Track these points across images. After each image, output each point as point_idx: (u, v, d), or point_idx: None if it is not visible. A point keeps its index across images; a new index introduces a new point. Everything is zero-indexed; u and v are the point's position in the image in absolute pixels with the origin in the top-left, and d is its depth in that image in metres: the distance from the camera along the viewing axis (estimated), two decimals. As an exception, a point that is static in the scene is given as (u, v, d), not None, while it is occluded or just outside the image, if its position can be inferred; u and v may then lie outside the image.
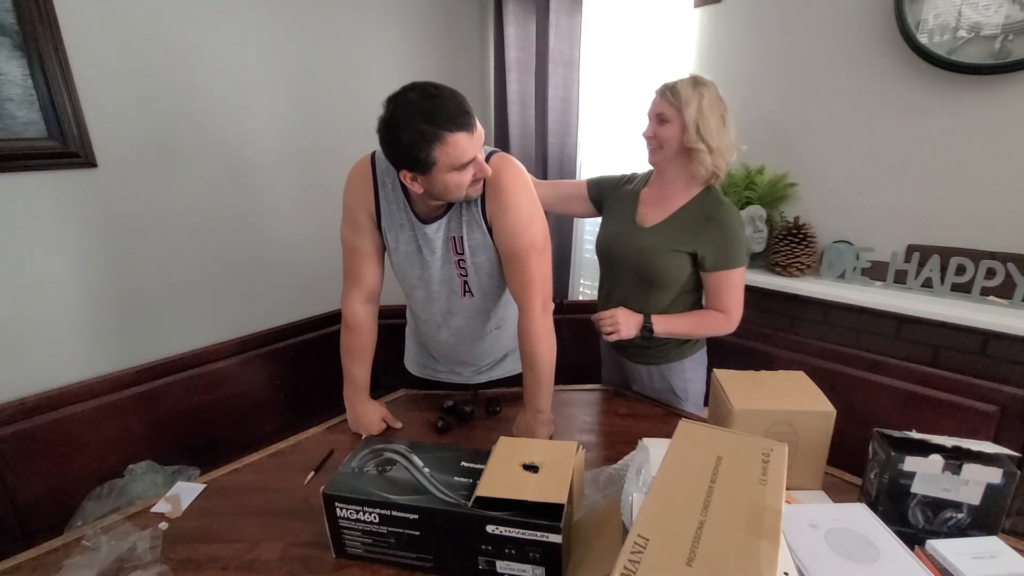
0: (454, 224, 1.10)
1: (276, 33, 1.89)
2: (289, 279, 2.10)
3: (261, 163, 1.94)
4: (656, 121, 1.21)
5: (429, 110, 0.90)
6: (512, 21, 2.26)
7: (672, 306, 1.29)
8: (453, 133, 0.91)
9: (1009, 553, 0.67)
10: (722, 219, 1.20)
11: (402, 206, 1.10)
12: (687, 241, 1.22)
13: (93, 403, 1.61)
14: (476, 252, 1.12)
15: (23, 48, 1.39)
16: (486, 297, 1.20)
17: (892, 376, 1.57)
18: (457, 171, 0.95)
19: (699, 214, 1.22)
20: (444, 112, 0.90)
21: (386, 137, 0.94)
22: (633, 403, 1.33)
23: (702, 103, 1.16)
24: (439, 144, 0.91)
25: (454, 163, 0.93)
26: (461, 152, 0.93)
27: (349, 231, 1.15)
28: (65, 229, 1.55)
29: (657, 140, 1.21)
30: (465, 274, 1.14)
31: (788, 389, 0.98)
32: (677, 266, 1.24)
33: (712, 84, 1.19)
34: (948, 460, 0.73)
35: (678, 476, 0.62)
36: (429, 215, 1.10)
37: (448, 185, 0.97)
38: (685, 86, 1.17)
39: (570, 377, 1.42)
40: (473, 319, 1.24)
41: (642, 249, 1.26)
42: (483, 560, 0.76)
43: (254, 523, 0.92)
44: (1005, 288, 1.43)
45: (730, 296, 1.25)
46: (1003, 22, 1.35)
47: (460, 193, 1.00)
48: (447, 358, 1.36)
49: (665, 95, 1.19)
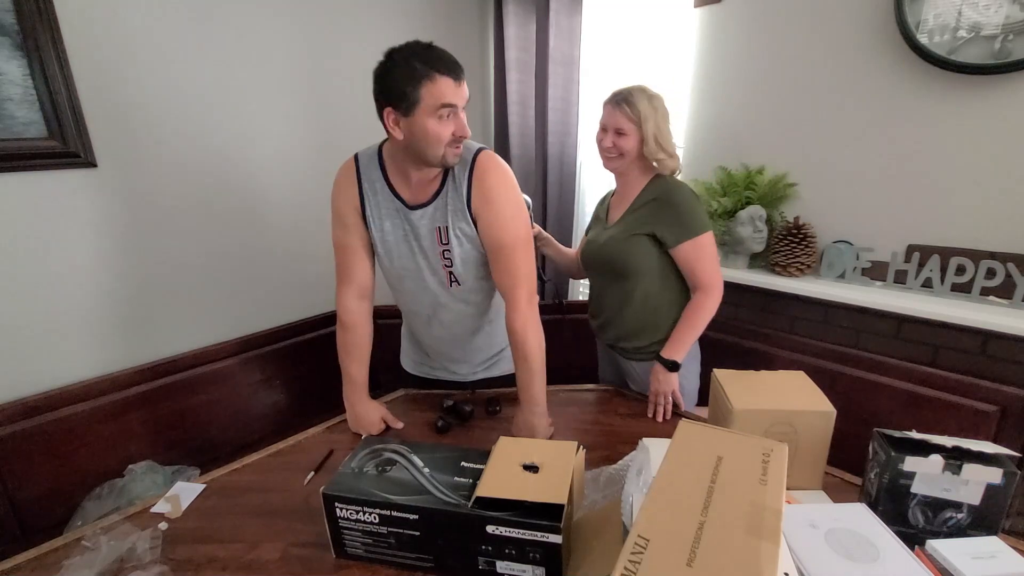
0: (440, 214, 1.12)
1: (276, 33, 1.89)
2: (289, 279, 2.10)
3: (261, 163, 1.94)
4: (614, 133, 1.27)
5: (425, 53, 0.98)
6: (512, 21, 2.26)
7: (651, 297, 1.33)
8: (442, 75, 0.97)
9: (1009, 553, 0.67)
10: (669, 197, 1.27)
11: (388, 195, 1.14)
12: (642, 224, 1.29)
13: (93, 403, 1.61)
14: (461, 242, 1.14)
15: (23, 48, 1.39)
16: (472, 289, 1.22)
17: (892, 376, 1.57)
18: (438, 119, 0.99)
19: (651, 198, 1.29)
20: (439, 58, 0.98)
21: (380, 73, 1.00)
22: (633, 403, 1.33)
23: (657, 117, 1.25)
24: (427, 82, 0.96)
25: (436, 103, 0.97)
26: (444, 94, 0.97)
27: (338, 230, 1.19)
28: (65, 229, 1.55)
29: (617, 150, 1.28)
30: (450, 264, 1.16)
31: (788, 389, 0.98)
32: (640, 251, 1.29)
33: (660, 96, 1.28)
34: (948, 460, 0.73)
35: (678, 476, 0.61)
36: (415, 201, 1.12)
37: (428, 134, 1.00)
38: (641, 100, 1.24)
39: (570, 377, 1.43)
40: (462, 313, 1.25)
41: (605, 243, 1.35)
42: (483, 560, 0.76)
43: (254, 523, 0.92)
44: (1005, 288, 1.43)
45: (702, 267, 1.27)
46: (1003, 22, 1.35)
47: (438, 149, 1.02)
48: (441, 355, 1.36)
49: (622, 108, 1.25)
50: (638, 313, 1.34)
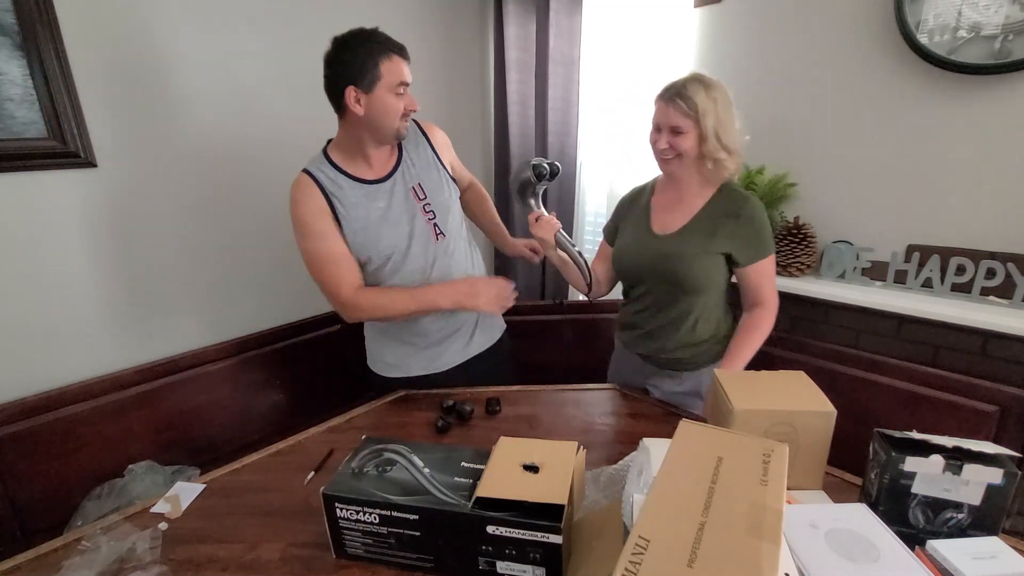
0: (409, 175, 1.25)
1: (276, 33, 1.88)
2: (289, 279, 2.09)
3: (261, 163, 1.94)
4: (669, 132, 1.15)
5: (377, 35, 1.12)
6: (512, 21, 2.26)
7: (708, 309, 1.27)
8: (397, 54, 1.12)
9: (1009, 553, 0.67)
10: (751, 213, 1.18)
11: (352, 184, 1.20)
12: (718, 242, 1.19)
13: (93, 403, 1.61)
14: (437, 192, 1.27)
15: (23, 48, 1.39)
16: (457, 236, 1.32)
17: (892, 376, 1.57)
18: (395, 95, 1.12)
19: (726, 213, 1.19)
20: (389, 39, 1.13)
21: (340, 57, 1.11)
22: (633, 403, 1.33)
23: (718, 109, 1.11)
24: (386, 60, 1.10)
25: (394, 81, 1.11)
26: (400, 72, 1.12)
27: (313, 243, 1.20)
28: (64, 229, 1.55)
29: (673, 150, 1.16)
30: (433, 216, 1.26)
31: (788, 389, 0.98)
32: (713, 269, 1.21)
33: (720, 84, 1.14)
34: (949, 460, 0.73)
35: (679, 477, 0.61)
36: (381, 175, 1.23)
37: (387, 109, 1.13)
38: (697, 92, 1.11)
39: (571, 377, 1.42)
40: (451, 269, 1.30)
41: (667, 256, 1.22)
42: (483, 561, 0.76)
43: (254, 523, 0.92)
44: (1005, 288, 1.44)
45: (768, 286, 1.23)
46: (1003, 22, 1.35)
47: (393, 123, 1.15)
48: (438, 331, 1.35)
49: (676, 104, 1.12)
50: (692, 328, 1.28)
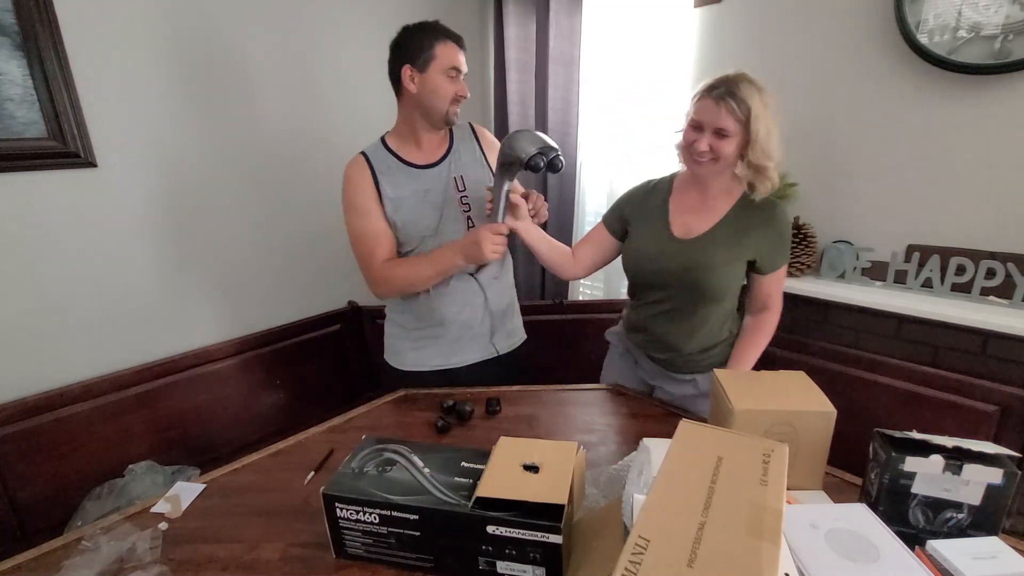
0: (455, 166, 1.30)
1: (276, 33, 1.89)
2: (289, 279, 2.10)
3: (260, 163, 1.94)
4: (713, 134, 1.06)
5: (435, 24, 1.22)
6: (512, 21, 2.26)
7: (724, 314, 1.25)
8: (451, 40, 1.20)
9: (1009, 553, 0.67)
10: (780, 217, 1.16)
11: (401, 166, 1.26)
12: (744, 249, 1.15)
13: (93, 403, 1.61)
14: (478, 188, 1.31)
15: (23, 48, 1.39)
16: None
17: (892, 376, 1.57)
18: (447, 78, 1.19)
19: (755, 219, 1.15)
20: (446, 28, 1.22)
21: (400, 39, 1.20)
22: (633, 403, 1.33)
23: (768, 115, 1.04)
24: (440, 44, 1.18)
25: (447, 64, 1.19)
26: (454, 57, 1.20)
27: (358, 221, 1.26)
28: (65, 229, 1.55)
29: (713, 153, 1.06)
30: (468, 209, 1.31)
31: (788, 389, 0.98)
32: (735, 277, 1.18)
33: (766, 87, 1.05)
34: (948, 460, 0.73)
35: (679, 477, 0.61)
36: (429, 161, 1.29)
37: (438, 90, 1.20)
38: (751, 94, 1.02)
39: (570, 377, 1.42)
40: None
41: (695, 265, 1.15)
42: (483, 560, 0.76)
43: (254, 523, 0.92)
44: (1005, 288, 1.43)
45: (780, 291, 1.23)
46: (1003, 22, 1.35)
47: (444, 104, 1.21)
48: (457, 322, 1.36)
49: (727, 104, 1.02)
50: (708, 333, 1.24)
